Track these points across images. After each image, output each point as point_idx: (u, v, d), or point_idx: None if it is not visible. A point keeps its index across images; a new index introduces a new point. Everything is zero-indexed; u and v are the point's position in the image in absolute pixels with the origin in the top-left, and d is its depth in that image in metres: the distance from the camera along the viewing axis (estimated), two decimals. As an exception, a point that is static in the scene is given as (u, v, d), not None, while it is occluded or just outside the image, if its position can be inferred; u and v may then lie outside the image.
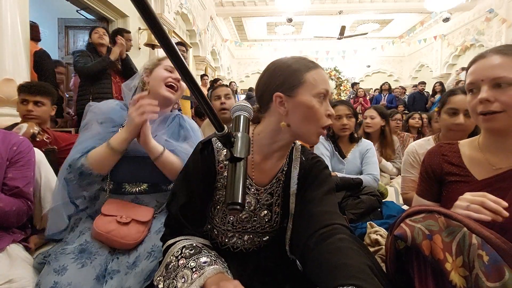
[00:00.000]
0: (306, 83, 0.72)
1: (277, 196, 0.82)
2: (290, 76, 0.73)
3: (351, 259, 0.53)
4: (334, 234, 0.61)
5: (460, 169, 0.87)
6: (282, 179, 0.82)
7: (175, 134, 1.14)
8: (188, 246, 0.69)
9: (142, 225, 0.97)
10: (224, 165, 0.79)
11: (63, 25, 3.90)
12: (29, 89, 1.64)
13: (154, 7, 3.61)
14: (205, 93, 1.07)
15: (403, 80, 11.13)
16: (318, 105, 0.72)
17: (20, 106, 1.64)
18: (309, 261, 0.62)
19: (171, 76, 1.11)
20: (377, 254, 1.10)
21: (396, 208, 1.46)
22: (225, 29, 9.59)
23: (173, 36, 5.15)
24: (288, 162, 0.83)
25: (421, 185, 0.97)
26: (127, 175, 1.05)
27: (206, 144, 0.79)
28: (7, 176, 1.00)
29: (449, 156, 0.91)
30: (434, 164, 0.92)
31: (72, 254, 0.87)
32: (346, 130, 1.78)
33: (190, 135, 1.15)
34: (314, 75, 0.72)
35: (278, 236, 0.91)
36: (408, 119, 3.25)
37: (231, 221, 0.81)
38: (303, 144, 0.89)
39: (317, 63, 0.77)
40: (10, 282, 0.84)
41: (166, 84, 1.10)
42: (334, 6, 7.74)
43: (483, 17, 6.81)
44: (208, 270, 0.61)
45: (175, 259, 0.66)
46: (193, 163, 0.78)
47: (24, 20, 2.15)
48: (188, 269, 0.62)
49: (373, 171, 1.68)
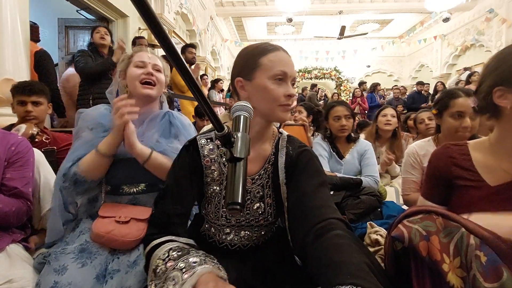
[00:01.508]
0: (262, 66, 0.76)
1: (268, 188, 0.83)
2: (248, 61, 0.78)
3: (349, 257, 0.54)
4: (330, 230, 0.61)
5: (471, 173, 0.82)
6: (270, 169, 0.83)
7: (165, 133, 1.11)
8: (175, 248, 0.67)
9: (142, 222, 0.97)
10: (210, 159, 0.82)
11: (63, 25, 3.90)
12: (24, 89, 1.62)
13: (154, 7, 3.62)
14: (205, 93, 1.05)
15: (403, 80, 11.13)
16: (274, 86, 0.75)
17: (18, 108, 1.63)
18: (308, 258, 0.62)
19: (143, 72, 1.06)
20: (377, 254, 1.10)
21: (396, 208, 1.46)
22: (225, 29, 9.59)
23: (173, 36, 5.15)
24: (274, 152, 0.84)
25: (427, 188, 0.93)
26: (124, 177, 1.04)
27: (191, 142, 0.83)
28: (5, 176, 1.00)
29: (458, 158, 0.85)
30: (441, 167, 0.88)
31: (72, 254, 0.87)
32: (345, 131, 1.78)
33: (181, 132, 1.12)
34: (270, 58, 0.76)
35: (276, 234, 0.92)
36: (406, 119, 3.25)
37: (224, 215, 0.82)
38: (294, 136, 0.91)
39: (280, 46, 0.80)
40: (10, 282, 0.84)
41: (141, 81, 1.06)
42: (334, 6, 7.74)
43: (483, 17, 6.82)
44: (199, 269, 0.59)
45: (162, 262, 0.64)
46: (180, 160, 0.82)
47: (24, 20, 2.15)
48: (177, 271, 0.60)
49: (373, 173, 1.68)
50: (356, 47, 9.98)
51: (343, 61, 10.38)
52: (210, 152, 0.82)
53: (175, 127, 1.12)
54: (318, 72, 10.42)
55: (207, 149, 0.82)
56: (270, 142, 0.86)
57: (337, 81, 10.41)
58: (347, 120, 1.77)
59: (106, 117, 1.07)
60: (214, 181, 0.82)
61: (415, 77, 10.32)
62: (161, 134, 1.08)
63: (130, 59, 1.11)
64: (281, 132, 0.88)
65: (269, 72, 0.75)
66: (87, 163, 0.97)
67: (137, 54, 1.11)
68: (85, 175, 0.97)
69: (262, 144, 0.84)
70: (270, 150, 0.84)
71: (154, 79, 1.08)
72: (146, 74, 1.06)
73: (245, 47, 0.83)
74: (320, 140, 1.88)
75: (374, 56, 10.98)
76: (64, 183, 0.97)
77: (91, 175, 0.98)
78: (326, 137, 1.86)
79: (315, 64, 10.44)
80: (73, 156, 0.99)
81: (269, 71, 0.75)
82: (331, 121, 1.83)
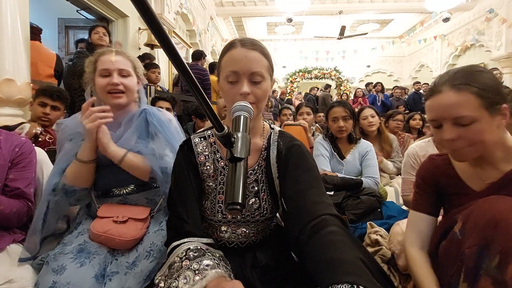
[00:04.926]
0: (220, 68, 0.79)
1: (262, 183, 0.84)
2: (218, 62, 0.81)
3: (344, 253, 0.54)
4: (324, 226, 0.61)
5: (456, 181, 0.85)
6: (264, 164, 0.84)
7: (142, 132, 1.07)
8: (193, 248, 0.69)
9: (140, 222, 0.97)
10: (204, 156, 0.84)
11: (63, 25, 3.91)
12: (51, 94, 1.71)
13: (154, 7, 3.61)
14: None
15: (403, 80, 11.12)
16: (228, 87, 0.76)
17: (37, 108, 1.71)
18: (303, 255, 0.63)
19: (109, 82, 1.01)
20: (377, 254, 1.10)
21: (396, 209, 1.46)
22: (225, 29, 9.59)
23: (173, 36, 5.15)
24: (266, 147, 0.85)
25: (417, 199, 0.93)
26: (113, 181, 1.04)
27: (186, 141, 0.86)
28: (8, 177, 1.01)
29: (442, 168, 0.89)
30: (428, 178, 0.91)
31: (71, 254, 0.87)
32: (342, 132, 1.78)
33: (159, 130, 1.08)
34: (225, 58, 0.77)
35: (274, 232, 0.92)
36: (409, 120, 3.25)
37: (220, 210, 0.83)
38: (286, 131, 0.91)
39: (242, 40, 0.78)
40: (10, 282, 0.84)
41: (108, 92, 1.02)
42: (334, 6, 7.73)
43: (483, 17, 6.81)
44: (210, 274, 0.61)
45: (179, 260, 0.67)
46: (178, 161, 0.84)
47: (24, 21, 2.14)
48: (190, 271, 0.63)
49: (374, 174, 1.68)
50: (356, 47, 9.98)
51: (343, 61, 10.37)
52: (204, 149, 0.84)
53: (152, 126, 1.08)
54: (318, 72, 10.41)
55: (200, 147, 0.84)
56: (261, 137, 0.86)
57: (337, 81, 10.40)
58: (344, 121, 1.77)
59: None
60: (210, 177, 0.83)
61: (415, 77, 10.31)
62: (138, 135, 1.06)
63: (95, 64, 1.05)
64: (273, 128, 0.89)
65: (224, 73, 0.77)
66: (72, 173, 0.97)
67: (100, 59, 1.04)
68: (73, 184, 0.97)
69: (252, 138, 0.83)
70: (261, 145, 0.85)
71: (121, 88, 1.03)
72: (111, 84, 1.01)
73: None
74: (321, 140, 1.89)
75: (374, 56, 10.98)
76: (56, 197, 0.98)
77: (79, 183, 0.99)
78: (327, 137, 1.86)
79: (315, 64, 10.42)
80: (57, 168, 1.00)
81: (223, 72, 0.77)
82: (330, 122, 1.84)
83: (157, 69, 3.58)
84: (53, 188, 0.97)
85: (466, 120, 0.71)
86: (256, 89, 0.75)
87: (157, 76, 3.55)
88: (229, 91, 0.75)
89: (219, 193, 0.83)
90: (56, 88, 1.86)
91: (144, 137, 1.07)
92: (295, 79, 10.42)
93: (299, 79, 10.47)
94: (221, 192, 0.83)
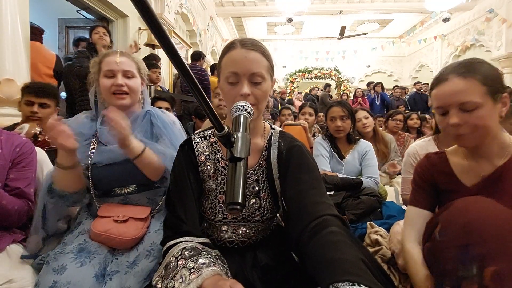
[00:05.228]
0: (221, 68, 0.79)
1: (263, 183, 0.84)
2: (218, 62, 0.81)
3: (345, 254, 0.54)
4: (325, 227, 0.61)
5: (450, 177, 0.88)
6: (264, 164, 0.84)
7: (147, 133, 1.07)
8: (189, 247, 0.69)
9: (141, 221, 0.97)
10: (204, 156, 0.84)
11: (63, 25, 3.91)
12: (35, 90, 1.62)
13: (154, 7, 3.61)
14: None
15: (403, 80, 11.11)
16: (228, 89, 0.76)
17: (24, 107, 1.62)
18: (304, 255, 0.63)
19: (113, 83, 1.01)
20: (377, 254, 1.10)
21: (396, 208, 1.46)
22: (225, 29, 9.59)
23: (173, 36, 5.14)
24: (267, 147, 0.85)
25: (414, 195, 0.95)
26: (114, 181, 1.04)
27: (186, 141, 0.86)
28: (9, 177, 1.02)
29: (438, 165, 0.92)
30: (425, 175, 0.93)
31: (71, 253, 0.87)
32: (340, 132, 1.79)
33: (163, 132, 1.08)
34: (225, 59, 0.77)
35: (274, 232, 0.92)
36: (407, 119, 3.27)
37: (221, 210, 0.83)
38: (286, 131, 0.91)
39: (242, 40, 0.78)
40: (10, 282, 0.84)
41: (113, 92, 1.02)
42: (334, 6, 7.73)
43: (483, 17, 6.80)
44: (206, 271, 0.61)
45: (174, 260, 0.67)
46: (178, 160, 0.84)
47: (24, 21, 2.14)
48: (186, 270, 0.63)
49: (374, 174, 1.68)
50: (356, 47, 9.97)
51: (343, 61, 10.36)
52: (205, 149, 0.84)
53: (156, 127, 1.09)
54: (318, 72, 10.41)
55: (201, 147, 0.84)
56: (262, 137, 0.86)
57: (337, 81, 10.39)
58: (342, 121, 1.77)
59: (86, 125, 1.06)
60: (210, 177, 0.83)
61: (415, 77, 10.30)
62: (143, 135, 1.06)
63: (100, 65, 1.05)
64: (274, 128, 0.89)
65: (224, 74, 0.77)
66: (58, 179, 0.95)
67: (105, 60, 1.04)
68: (63, 189, 0.96)
69: (253, 138, 0.84)
70: (262, 145, 0.85)
71: (126, 89, 1.03)
72: (116, 85, 1.01)
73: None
74: (321, 140, 1.89)
75: (374, 56, 10.97)
76: (53, 199, 0.98)
77: (67, 188, 0.96)
78: (327, 137, 1.87)
79: (315, 64, 10.42)
80: (52, 171, 0.99)
81: (223, 73, 0.77)
82: (328, 122, 1.85)
83: (157, 69, 3.58)
84: (48, 190, 0.97)
85: (471, 105, 0.75)
86: (256, 90, 0.75)
87: (157, 76, 3.55)
88: (229, 92, 0.75)
89: (219, 193, 0.83)
90: (40, 84, 1.75)
91: (149, 139, 1.07)
92: (295, 79, 10.41)
93: (299, 79, 10.47)
94: (222, 192, 0.83)
